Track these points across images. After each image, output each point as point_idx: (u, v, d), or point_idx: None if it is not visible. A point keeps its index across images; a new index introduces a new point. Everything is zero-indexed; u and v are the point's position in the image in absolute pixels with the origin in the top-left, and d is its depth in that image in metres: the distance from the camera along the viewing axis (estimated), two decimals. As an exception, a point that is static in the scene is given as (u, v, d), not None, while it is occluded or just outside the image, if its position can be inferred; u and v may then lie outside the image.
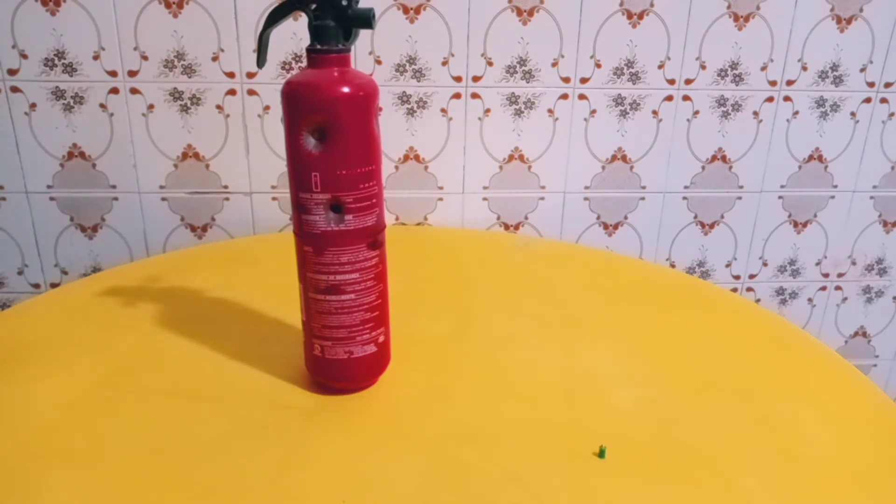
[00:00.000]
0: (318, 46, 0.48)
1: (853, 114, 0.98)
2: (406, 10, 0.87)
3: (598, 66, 0.92)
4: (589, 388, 0.56)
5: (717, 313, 0.72)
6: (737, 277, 1.06)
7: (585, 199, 0.99)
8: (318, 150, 0.47)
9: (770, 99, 0.96)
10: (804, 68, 0.95)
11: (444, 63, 0.90)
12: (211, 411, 0.51)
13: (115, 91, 0.88)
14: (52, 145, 0.89)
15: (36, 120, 0.88)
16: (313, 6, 0.47)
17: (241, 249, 0.88)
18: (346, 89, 0.47)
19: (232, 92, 0.89)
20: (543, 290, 0.75)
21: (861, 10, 0.93)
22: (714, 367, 0.60)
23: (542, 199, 0.98)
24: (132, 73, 0.87)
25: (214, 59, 0.88)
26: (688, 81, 0.94)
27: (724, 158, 0.99)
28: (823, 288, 1.08)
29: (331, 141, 0.47)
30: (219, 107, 0.90)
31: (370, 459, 0.47)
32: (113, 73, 0.87)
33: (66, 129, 0.89)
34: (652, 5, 0.90)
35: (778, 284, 1.07)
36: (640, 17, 0.90)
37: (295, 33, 0.87)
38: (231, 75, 0.89)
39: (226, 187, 0.94)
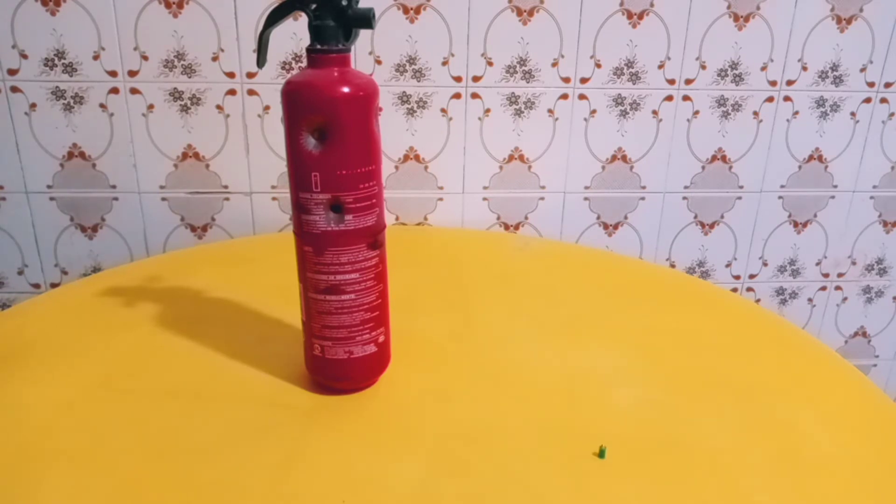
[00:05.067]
0: (318, 46, 0.48)
1: (853, 114, 0.98)
2: (406, 10, 0.87)
3: (598, 66, 0.92)
4: (589, 388, 0.56)
5: (717, 313, 0.72)
6: (737, 277, 1.06)
7: (585, 199, 0.99)
8: (318, 150, 0.47)
9: (770, 99, 0.96)
10: (804, 68, 0.95)
11: (444, 63, 0.90)
12: (211, 411, 0.51)
13: (115, 91, 0.88)
14: (52, 145, 0.89)
15: (36, 120, 0.88)
16: (313, 6, 0.47)
17: (241, 249, 0.88)
18: (346, 89, 0.47)
19: (232, 92, 0.89)
20: (543, 290, 0.75)
21: (861, 10, 0.93)
22: (714, 367, 0.60)
23: (542, 199, 0.98)
24: (132, 73, 0.87)
25: (214, 59, 0.88)
26: (688, 81, 0.94)
27: (724, 158, 0.99)
28: (823, 288, 1.08)
29: (331, 141, 0.47)
30: (219, 107, 0.90)
31: (370, 459, 0.47)
32: (113, 73, 0.87)
33: (66, 129, 0.89)
34: (652, 5, 0.90)
35: (778, 284, 1.07)
36: (640, 17, 0.90)
37: (295, 33, 0.87)
38: (231, 75, 0.89)
39: (226, 187, 0.94)
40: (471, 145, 0.94)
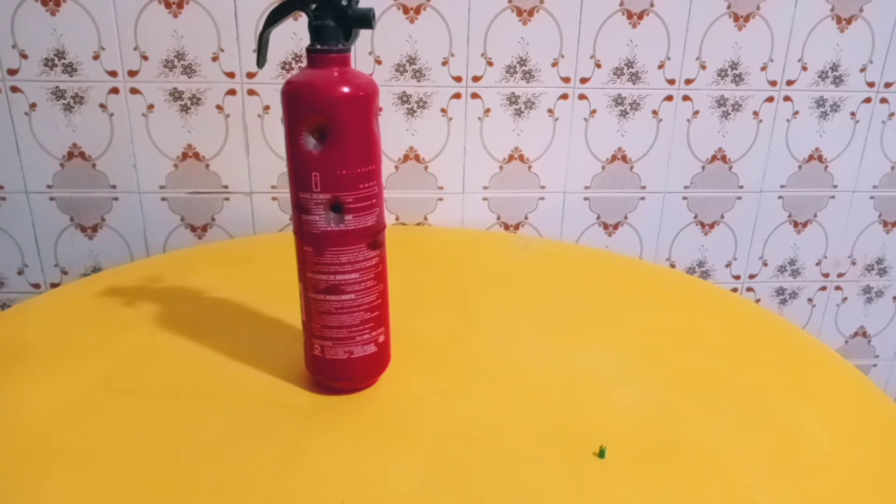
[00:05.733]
0: (318, 46, 0.48)
1: (853, 114, 0.98)
2: (406, 10, 0.87)
3: (598, 66, 0.92)
4: (589, 388, 0.56)
5: (717, 313, 0.72)
6: (737, 277, 1.06)
7: (585, 199, 0.99)
8: (318, 150, 0.47)
9: (770, 99, 0.96)
10: (804, 68, 0.95)
11: (444, 63, 0.90)
12: (211, 411, 0.51)
13: (115, 91, 0.88)
14: (52, 145, 0.89)
15: (36, 120, 0.88)
16: (313, 6, 0.47)
17: (241, 249, 0.88)
18: (346, 89, 0.47)
19: (232, 92, 0.89)
20: (543, 290, 0.75)
21: (861, 10, 0.93)
22: (714, 367, 0.60)
23: (542, 199, 0.98)
24: (132, 73, 0.87)
25: (214, 59, 0.88)
26: (688, 81, 0.94)
27: (724, 158, 0.99)
28: (823, 288, 1.08)
29: (331, 141, 0.47)
30: (219, 107, 0.90)
31: (370, 459, 0.47)
32: (113, 73, 0.87)
33: (66, 129, 0.89)
34: (652, 5, 0.90)
35: (778, 284, 1.07)
36: (640, 17, 0.90)
37: (295, 33, 0.87)
38: (231, 75, 0.89)
39: (226, 187, 0.94)
40: (471, 145, 0.94)
